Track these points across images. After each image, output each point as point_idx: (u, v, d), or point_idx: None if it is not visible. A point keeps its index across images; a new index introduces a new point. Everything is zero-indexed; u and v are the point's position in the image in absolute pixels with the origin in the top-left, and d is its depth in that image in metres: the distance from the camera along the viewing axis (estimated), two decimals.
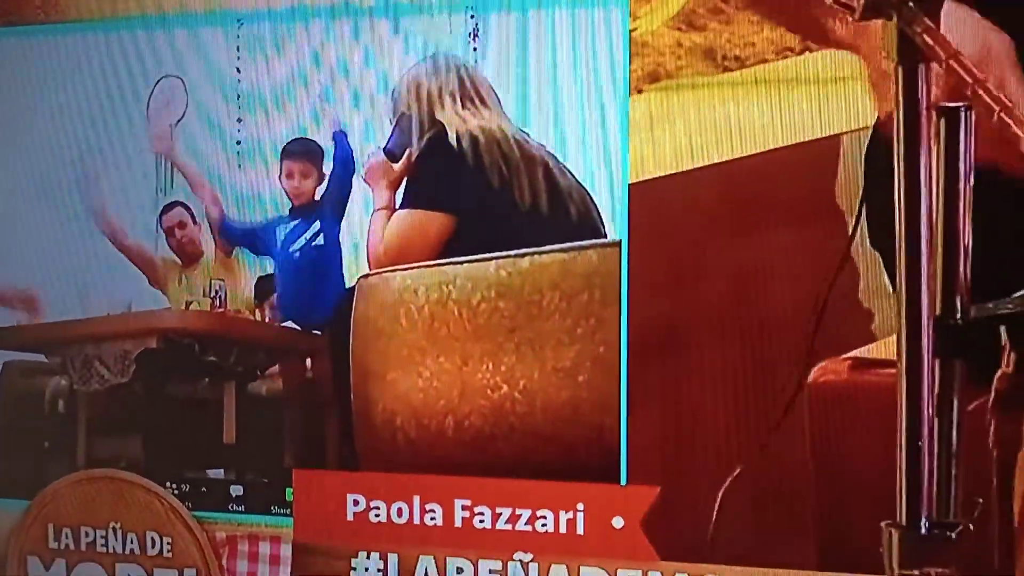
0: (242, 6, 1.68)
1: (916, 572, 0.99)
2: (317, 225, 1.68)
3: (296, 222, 1.69)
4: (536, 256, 1.57)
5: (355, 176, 1.65)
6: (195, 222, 1.73)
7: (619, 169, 1.53)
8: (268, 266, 1.72)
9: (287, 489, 1.70)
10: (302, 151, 1.66)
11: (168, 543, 1.75)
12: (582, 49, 1.54)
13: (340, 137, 1.65)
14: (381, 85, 1.62)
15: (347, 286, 1.65)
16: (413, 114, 1.62)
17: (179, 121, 1.71)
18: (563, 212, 1.58)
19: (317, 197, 1.68)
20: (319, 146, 1.66)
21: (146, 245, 1.76)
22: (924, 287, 1.01)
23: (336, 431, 1.68)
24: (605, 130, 1.53)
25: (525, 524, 1.58)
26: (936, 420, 1.03)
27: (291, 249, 1.70)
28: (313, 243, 1.69)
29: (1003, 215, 1.29)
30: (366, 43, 1.62)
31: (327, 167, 1.66)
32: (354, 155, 1.65)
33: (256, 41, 1.67)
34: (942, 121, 1.01)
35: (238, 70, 1.68)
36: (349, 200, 1.66)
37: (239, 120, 1.68)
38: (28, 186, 1.79)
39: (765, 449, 1.50)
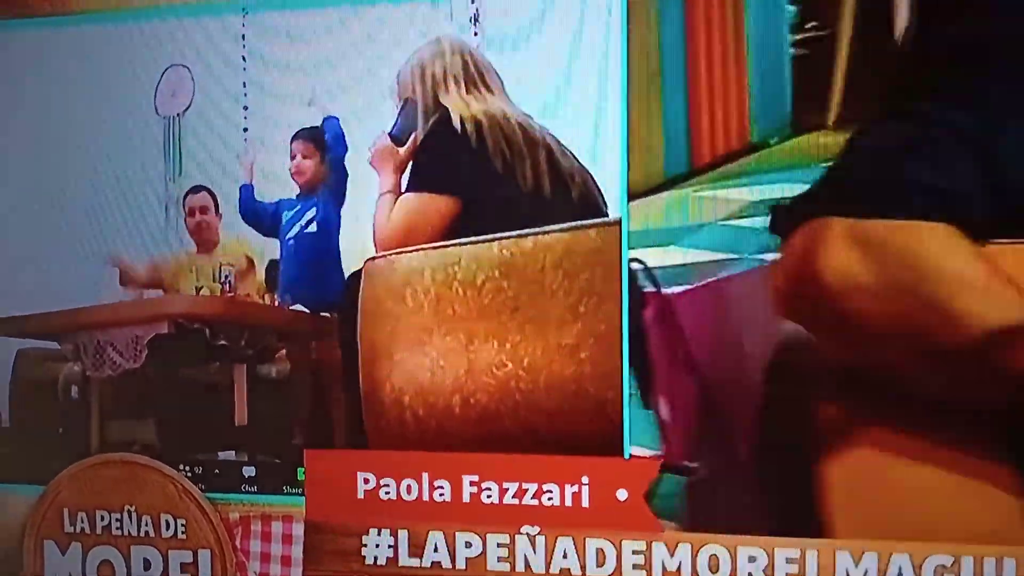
0: None
1: None
2: (313, 211, 1.71)
3: (298, 207, 1.72)
4: (539, 236, 1.60)
5: (346, 159, 1.68)
6: (217, 211, 1.75)
7: (618, 148, 1.56)
8: (276, 250, 1.75)
9: (299, 469, 1.73)
10: (306, 134, 1.69)
11: (182, 525, 1.78)
12: (581, 32, 1.57)
13: (330, 122, 1.68)
14: (384, 71, 1.65)
15: (353, 269, 1.69)
16: (418, 98, 1.65)
17: (186, 110, 1.74)
18: (565, 193, 1.61)
19: (322, 180, 1.71)
20: (323, 132, 1.69)
21: (146, 262, 1.77)
22: None
23: (345, 411, 1.71)
24: (605, 112, 1.56)
25: (532, 498, 1.61)
26: None
27: (291, 234, 1.73)
28: (308, 228, 1.72)
29: None
30: (369, 30, 1.65)
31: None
32: (344, 138, 1.67)
33: (262, 29, 1.70)
34: None
35: (244, 58, 1.71)
36: (349, 184, 1.69)
37: (245, 108, 1.71)
38: (32, 181, 1.81)
39: None
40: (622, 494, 1.58)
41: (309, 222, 1.72)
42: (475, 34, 1.61)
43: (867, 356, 1.37)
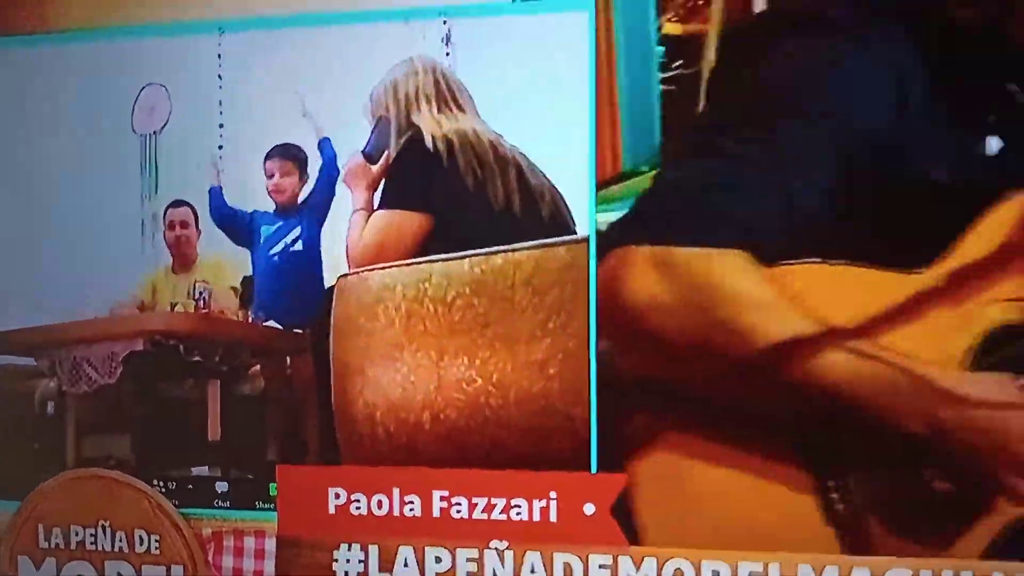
0: (224, 15, 1.73)
1: None
2: (298, 230, 1.73)
3: (279, 224, 1.74)
4: (509, 253, 1.62)
5: (338, 182, 1.70)
6: (197, 227, 1.77)
7: (586, 168, 1.58)
8: (247, 262, 1.76)
9: (271, 485, 1.74)
10: (283, 152, 1.71)
11: (156, 540, 1.78)
12: (552, 53, 1.59)
13: (325, 143, 1.70)
14: (358, 90, 1.67)
15: (327, 286, 1.70)
16: (391, 117, 1.67)
17: (163, 128, 1.75)
18: (535, 211, 1.63)
19: (300, 199, 1.72)
20: (301, 149, 1.70)
21: (119, 290, 1.78)
22: None
23: (317, 427, 1.72)
24: (573, 131, 1.59)
25: (500, 513, 1.62)
26: None
27: (272, 251, 1.75)
28: (294, 247, 1.73)
29: None
30: (343, 49, 1.67)
31: (310, 170, 1.71)
32: (337, 160, 1.70)
33: (238, 49, 1.72)
34: None
35: (220, 77, 1.73)
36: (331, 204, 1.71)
37: (221, 126, 1.73)
38: (8, 197, 1.83)
39: None
40: (589, 508, 1.59)
41: (295, 240, 1.73)
42: (447, 54, 1.64)
43: (669, 369, 1.50)
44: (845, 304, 1.42)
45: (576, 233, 1.60)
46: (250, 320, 1.76)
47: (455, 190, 1.65)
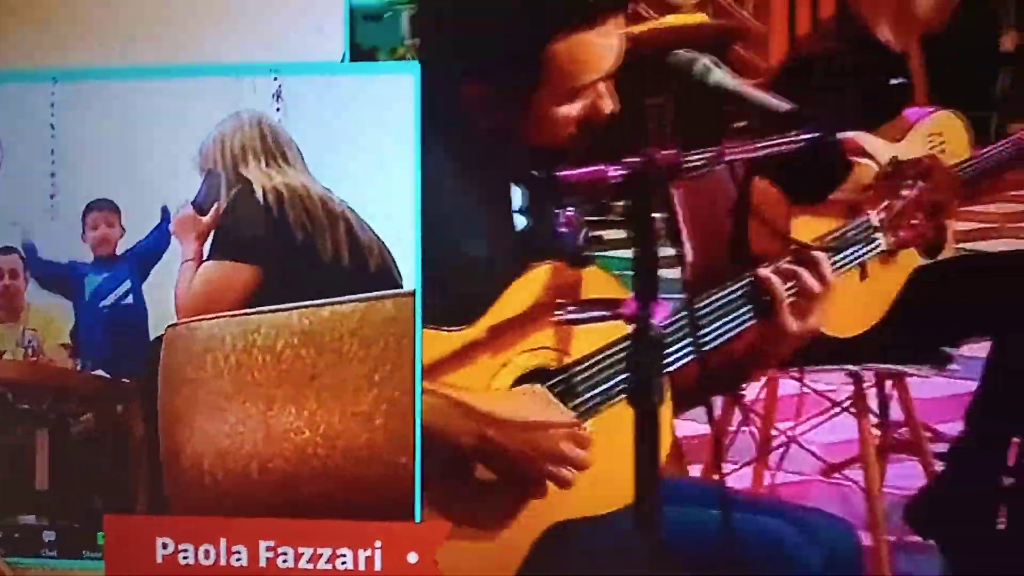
0: (58, 64, 1.74)
1: None
2: (128, 283, 1.74)
3: (105, 275, 1.74)
4: (337, 306, 1.65)
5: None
6: (25, 276, 1.76)
7: (412, 224, 1.62)
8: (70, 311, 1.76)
9: (98, 534, 1.74)
10: (106, 204, 1.72)
11: None
12: (379, 112, 1.63)
13: (164, 210, 1.71)
14: (189, 142, 1.69)
15: (156, 336, 1.71)
16: (220, 169, 1.69)
17: None
18: (363, 264, 1.67)
19: (119, 251, 1.73)
20: (115, 203, 1.71)
21: None
22: None
23: (146, 476, 1.73)
24: (400, 188, 1.63)
25: (326, 563, 1.64)
26: None
27: (103, 303, 1.75)
28: (125, 299, 1.74)
29: None
30: (175, 102, 1.69)
31: (126, 221, 1.72)
32: (170, 214, 1.71)
33: (71, 99, 1.73)
34: None
35: (52, 127, 1.73)
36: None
37: (53, 175, 1.73)
38: None
39: None
40: (412, 557, 1.62)
41: (127, 293, 1.74)
42: (277, 110, 1.67)
43: None
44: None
45: (402, 287, 1.64)
46: (79, 369, 1.76)
47: (284, 243, 1.67)
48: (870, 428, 2.72)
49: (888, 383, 2.90)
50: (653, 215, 1.43)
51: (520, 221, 1.79)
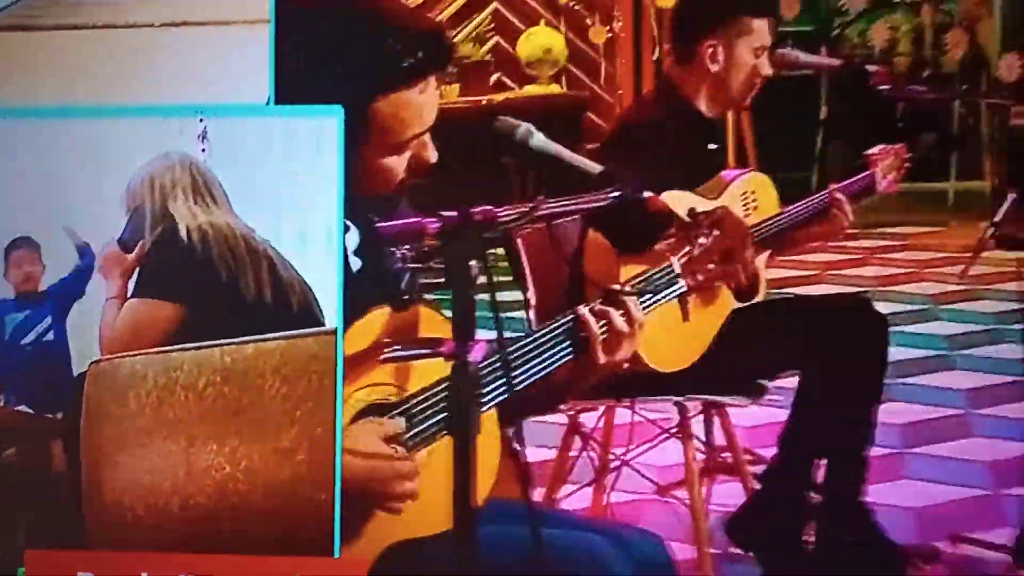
0: None
1: None
2: (49, 319, 1.75)
3: (26, 313, 1.75)
4: (260, 343, 1.68)
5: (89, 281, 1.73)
6: None
7: (334, 263, 1.66)
8: None
9: (20, 569, 1.74)
10: (27, 242, 1.73)
11: None
12: (301, 154, 1.67)
13: (86, 250, 1.73)
14: (116, 181, 1.71)
15: (79, 371, 1.72)
16: (146, 207, 1.72)
17: None
18: (286, 303, 1.70)
19: (42, 288, 1.74)
20: (37, 241, 1.73)
21: None
22: None
23: (68, 511, 1.74)
24: (321, 227, 1.66)
25: None
26: None
27: (25, 341, 1.76)
28: (47, 336, 1.75)
29: None
30: (102, 141, 1.71)
31: (48, 259, 1.73)
32: (93, 265, 1.73)
33: None
34: None
35: None
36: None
37: None
38: None
39: None
40: None
41: (47, 330, 1.75)
42: (203, 150, 1.70)
43: None
44: None
45: (324, 325, 1.67)
46: (2, 404, 1.77)
47: (208, 280, 1.70)
48: (694, 453, 3.02)
49: (712, 412, 3.20)
50: (469, 263, 1.60)
51: (355, 263, 1.89)
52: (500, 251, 2.74)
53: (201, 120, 1.69)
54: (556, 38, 7.20)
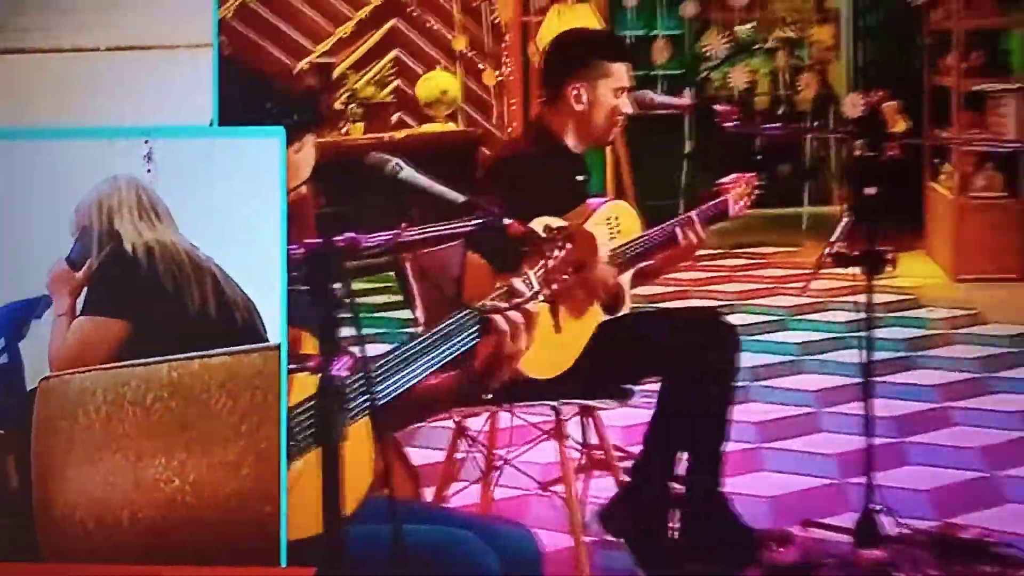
0: None
1: None
2: (3, 341, 1.78)
3: None
4: (205, 359, 1.72)
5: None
6: None
7: (278, 279, 1.70)
8: None
9: None
10: None
11: None
12: (244, 171, 1.71)
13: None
14: (63, 203, 1.75)
15: (29, 388, 1.76)
16: (94, 227, 1.76)
17: None
18: (230, 319, 1.73)
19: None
20: None
21: None
22: None
23: (19, 525, 1.77)
24: (266, 246, 1.70)
25: None
26: None
27: None
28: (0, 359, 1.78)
29: None
30: (48, 164, 1.75)
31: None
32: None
33: None
34: None
35: None
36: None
37: None
38: None
39: None
40: None
41: (1, 350, 1.78)
42: (148, 171, 1.73)
43: None
44: None
45: (268, 341, 1.71)
46: None
47: (154, 297, 1.74)
48: (567, 451, 3.27)
49: (586, 414, 3.49)
50: (332, 286, 1.69)
51: None
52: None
53: (146, 142, 1.73)
54: (452, 81, 7.91)
